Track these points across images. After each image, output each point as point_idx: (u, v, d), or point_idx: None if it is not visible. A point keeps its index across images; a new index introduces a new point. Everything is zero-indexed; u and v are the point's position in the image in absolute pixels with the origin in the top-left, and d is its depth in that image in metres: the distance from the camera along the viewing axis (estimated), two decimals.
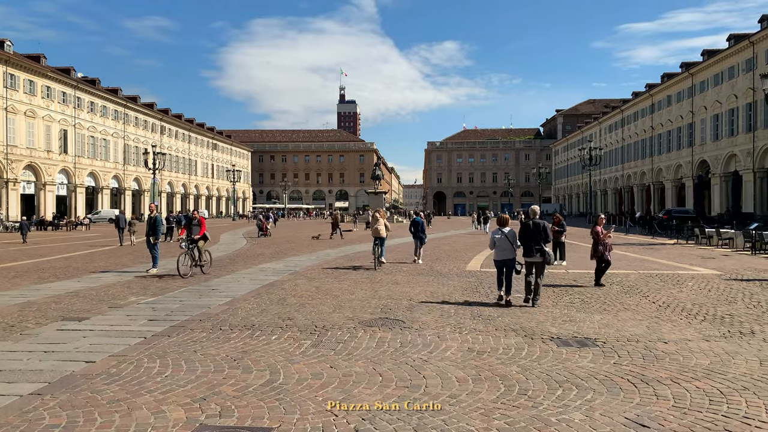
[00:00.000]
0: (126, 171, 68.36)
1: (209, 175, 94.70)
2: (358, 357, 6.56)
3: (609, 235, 12.73)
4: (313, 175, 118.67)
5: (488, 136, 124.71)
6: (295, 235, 36.27)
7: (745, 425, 4.50)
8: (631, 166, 70.47)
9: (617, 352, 6.79)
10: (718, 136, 49.79)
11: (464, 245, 25.83)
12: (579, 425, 4.52)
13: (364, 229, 42.78)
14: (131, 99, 71.07)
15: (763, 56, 43.04)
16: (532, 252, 10.05)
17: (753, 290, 11.80)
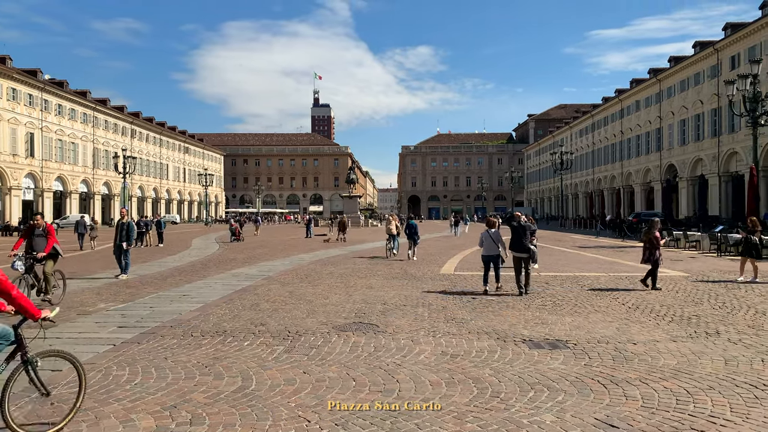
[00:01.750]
0: (95, 175, 67.09)
1: (181, 179, 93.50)
2: (331, 362, 6.54)
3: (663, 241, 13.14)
4: (287, 179, 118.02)
5: (462, 140, 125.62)
6: (268, 239, 36.03)
7: (711, 424, 4.60)
8: (601, 170, 71.67)
9: (588, 353, 6.89)
10: (685, 140, 50.98)
11: (438, 249, 25.95)
12: (550, 426, 4.57)
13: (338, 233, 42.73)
14: (101, 102, 69.83)
15: (727, 63, 44.23)
16: (519, 248, 11.69)
17: (719, 291, 12.08)
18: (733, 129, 42.84)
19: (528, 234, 12.02)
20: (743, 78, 23.02)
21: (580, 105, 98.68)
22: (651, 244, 12.76)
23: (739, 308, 10.00)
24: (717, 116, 45.42)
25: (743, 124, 34.48)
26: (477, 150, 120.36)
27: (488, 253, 12.05)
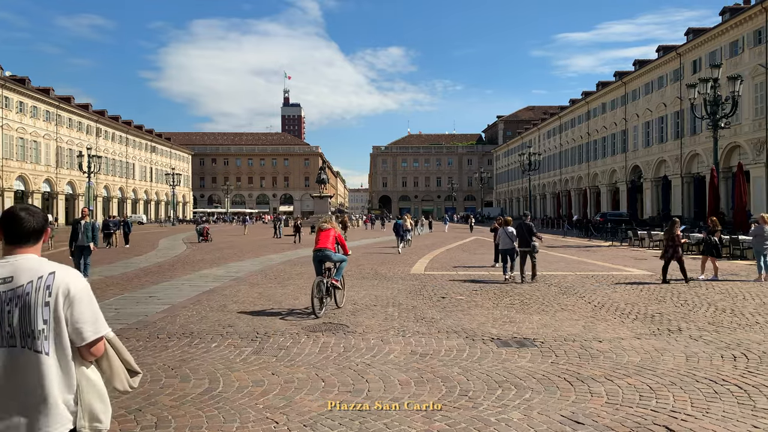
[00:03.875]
0: (59, 174, 65.43)
1: (148, 178, 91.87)
2: (300, 363, 6.50)
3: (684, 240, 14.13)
4: (257, 178, 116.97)
5: (432, 141, 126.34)
6: (237, 240, 35.65)
7: (672, 418, 4.71)
8: (568, 171, 72.84)
9: (554, 351, 6.98)
10: (649, 142, 52.16)
11: (408, 249, 26.02)
12: (517, 424, 4.62)
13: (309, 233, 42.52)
14: (64, 99, 68.12)
15: (689, 67, 45.41)
16: (524, 244, 13.79)
17: (681, 290, 12.39)
18: (694, 131, 44.00)
19: (532, 232, 13.85)
20: (704, 82, 23.64)
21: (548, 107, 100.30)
22: (673, 242, 13.51)
23: (700, 306, 10.27)
24: (679, 119, 46.59)
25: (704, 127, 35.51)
26: (447, 151, 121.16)
27: (505, 247, 14.11)
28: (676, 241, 13.59)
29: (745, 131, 38.59)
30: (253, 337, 7.83)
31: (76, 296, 2.22)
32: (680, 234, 13.87)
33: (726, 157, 40.05)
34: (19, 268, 2.22)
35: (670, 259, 13.58)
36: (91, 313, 2.26)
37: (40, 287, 2.19)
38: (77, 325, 2.22)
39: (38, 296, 2.18)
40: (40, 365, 2.16)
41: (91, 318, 2.25)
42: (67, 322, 2.21)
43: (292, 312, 9.77)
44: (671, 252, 13.57)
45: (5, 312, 2.17)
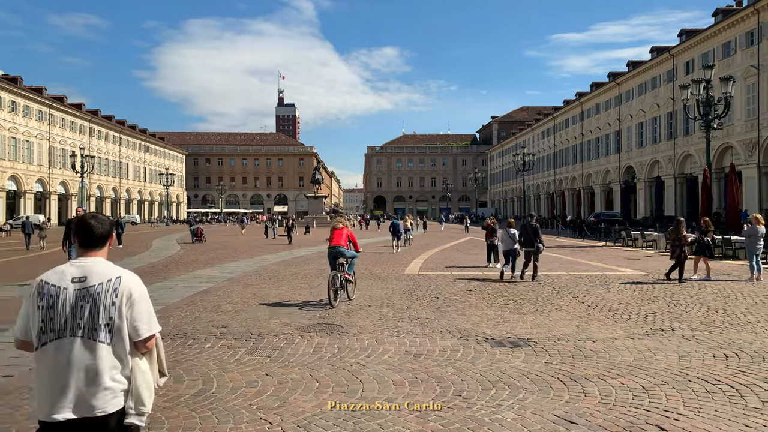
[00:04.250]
0: (51, 174, 65.10)
1: (141, 178, 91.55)
2: (294, 363, 6.49)
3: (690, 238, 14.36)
4: (251, 179, 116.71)
5: (427, 141, 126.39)
6: (231, 240, 35.57)
7: (665, 418, 4.73)
8: (562, 172, 73.04)
9: (548, 351, 7.00)
10: (643, 143, 52.38)
11: (404, 249, 26.03)
12: (511, 424, 4.63)
13: (304, 233, 42.50)
14: (57, 99, 67.76)
15: (682, 68, 45.63)
16: (530, 244, 14.13)
17: (673, 290, 12.45)
18: (687, 132, 44.20)
19: (537, 233, 14.22)
20: (697, 83, 23.77)
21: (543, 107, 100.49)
22: (679, 242, 13.69)
23: (692, 305, 10.32)
24: (673, 119, 46.81)
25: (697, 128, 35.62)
26: (441, 151, 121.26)
27: (507, 248, 14.67)
28: (682, 241, 13.76)
29: (738, 132, 38.81)
30: (247, 337, 7.82)
31: (137, 299, 2.62)
32: (687, 234, 14.06)
33: (718, 158, 40.27)
34: (91, 271, 2.61)
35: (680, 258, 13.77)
36: (147, 314, 2.65)
37: (109, 289, 2.58)
38: (135, 323, 2.61)
39: (107, 296, 2.57)
40: (100, 353, 2.54)
41: (147, 317, 2.65)
42: (127, 320, 2.59)
43: (286, 312, 9.76)
44: (678, 252, 13.75)
45: (78, 307, 2.55)
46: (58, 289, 2.56)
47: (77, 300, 2.55)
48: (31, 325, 2.58)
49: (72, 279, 2.59)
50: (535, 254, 14.15)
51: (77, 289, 2.57)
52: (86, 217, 2.71)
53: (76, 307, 2.55)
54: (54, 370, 2.53)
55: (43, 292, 2.57)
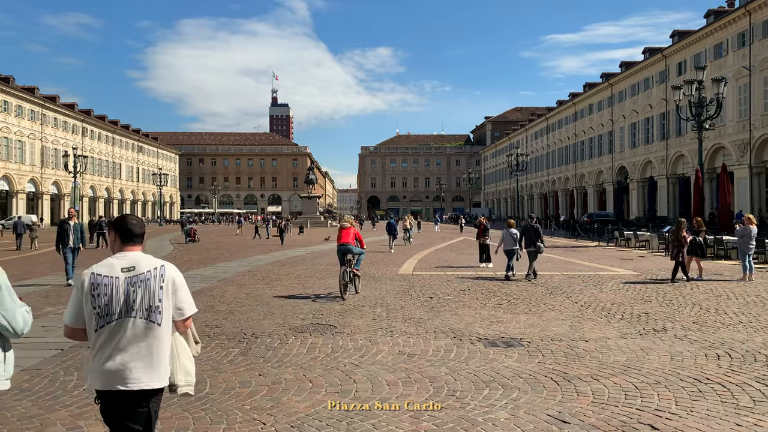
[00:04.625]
0: (44, 174, 64.72)
1: (134, 178, 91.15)
2: (288, 364, 6.48)
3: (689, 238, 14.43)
4: (245, 179, 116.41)
5: (421, 141, 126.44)
6: (225, 240, 35.47)
7: (657, 417, 4.76)
8: (555, 172, 73.25)
9: (541, 351, 7.03)
10: (635, 143, 52.60)
11: (397, 249, 26.04)
12: (504, 424, 4.64)
13: (297, 234, 42.45)
14: (49, 99, 67.34)
15: (674, 69, 45.85)
16: (530, 245, 14.51)
17: (666, 290, 12.51)
18: (680, 133, 44.42)
19: (539, 234, 14.60)
20: (689, 84, 23.88)
21: (536, 108, 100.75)
22: (678, 243, 13.82)
23: (684, 305, 10.38)
24: (665, 120, 47.02)
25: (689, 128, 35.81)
26: (435, 151, 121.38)
27: (508, 248, 14.83)
28: (682, 241, 13.89)
29: (729, 133, 39.04)
30: (241, 338, 7.80)
31: (179, 284, 3.05)
32: (686, 235, 14.18)
33: (711, 158, 40.49)
34: (138, 261, 2.98)
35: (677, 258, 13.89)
36: (188, 297, 3.10)
37: (157, 275, 2.97)
38: (179, 304, 3.04)
39: (156, 282, 2.95)
40: (154, 331, 2.92)
41: (188, 300, 3.09)
42: (171, 302, 3.00)
43: (279, 312, 9.75)
44: (675, 252, 13.89)
45: (130, 292, 2.90)
46: (110, 279, 2.91)
47: (128, 286, 2.91)
48: (85, 313, 2.89)
49: (122, 269, 2.95)
50: (534, 254, 14.46)
51: (128, 277, 2.92)
52: (128, 217, 3.13)
53: (128, 292, 2.90)
54: (112, 348, 2.87)
55: (96, 282, 2.90)
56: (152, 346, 2.92)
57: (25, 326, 2.98)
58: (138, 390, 2.88)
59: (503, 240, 15.09)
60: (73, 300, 2.93)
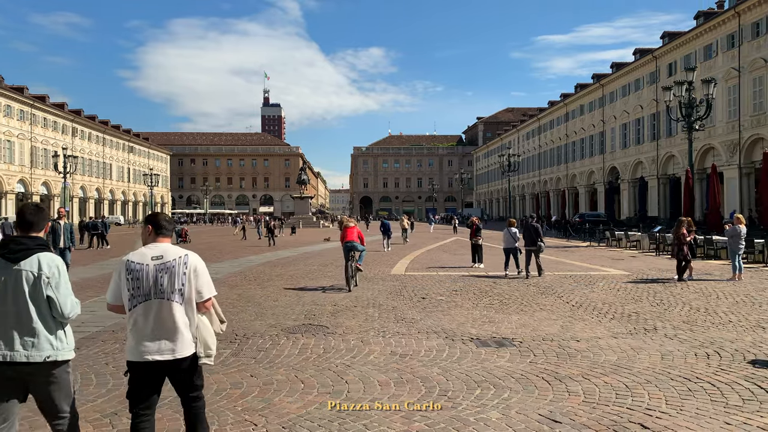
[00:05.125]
0: (33, 175, 64.24)
1: (125, 179, 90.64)
2: (279, 365, 6.47)
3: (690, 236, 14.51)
4: (236, 179, 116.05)
5: (413, 142, 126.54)
6: (216, 241, 35.34)
7: (647, 416, 4.78)
8: (547, 172, 73.51)
9: (533, 351, 7.05)
10: (626, 144, 52.87)
11: (393, 248, 26.04)
12: (496, 423, 4.65)
13: (289, 234, 42.37)
14: (39, 98, 66.81)
15: (665, 70, 46.13)
16: (530, 243, 14.99)
17: (657, 289, 12.58)
18: (670, 133, 44.69)
19: (539, 233, 15.09)
20: (679, 84, 24.03)
21: (528, 108, 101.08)
22: (679, 241, 13.96)
23: (675, 305, 10.44)
24: (656, 121, 47.29)
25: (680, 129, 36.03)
26: (428, 152, 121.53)
27: (508, 246, 15.31)
28: (681, 240, 14.02)
29: (719, 133, 39.33)
30: (232, 339, 7.77)
31: (200, 271, 3.57)
32: (686, 233, 14.30)
33: (701, 159, 40.76)
34: (166, 251, 3.54)
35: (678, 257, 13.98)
36: (207, 282, 3.62)
37: (181, 263, 3.51)
38: (199, 288, 3.56)
39: (180, 268, 3.49)
40: (176, 311, 3.47)
41: (207, 285, 3.61)
42: (193, 286, 3.52)
43: (271, 313, 9.72)
44: (676, 250, 14.00)
45: (159, 277, 3.44)
46: (142, 266, 3.46)
47: (157, 272, 3.45)
48: (121, 293, 3.49)
49: (151, 257, 3.49)
50: (537, 252, 14.98)
51: (156, 264, 3.47)
52: (161, 214, 3.75)
53: (156, 277, 3.44)
54: (143, 324, 3.43)
55: (130, 268, 3.46)
56: (176, 323, 3.46)
57: (72, 311, 3.45)
58: (164, 360, 3.42)
59: (503, 239, 15.57)
60: (113, 281, 3.54)
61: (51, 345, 3.33)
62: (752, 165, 36.67)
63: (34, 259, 3.34)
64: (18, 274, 3.29)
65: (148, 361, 3.40)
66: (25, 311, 3.29)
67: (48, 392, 3.34)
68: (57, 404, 3.38)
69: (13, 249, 3.34)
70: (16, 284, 3.29)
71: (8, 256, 3.32)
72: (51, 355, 3.31)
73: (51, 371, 3.32)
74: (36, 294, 3.31)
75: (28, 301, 3.30)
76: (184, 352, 3.46)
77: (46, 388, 3.34)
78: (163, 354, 3.41)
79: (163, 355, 3.40)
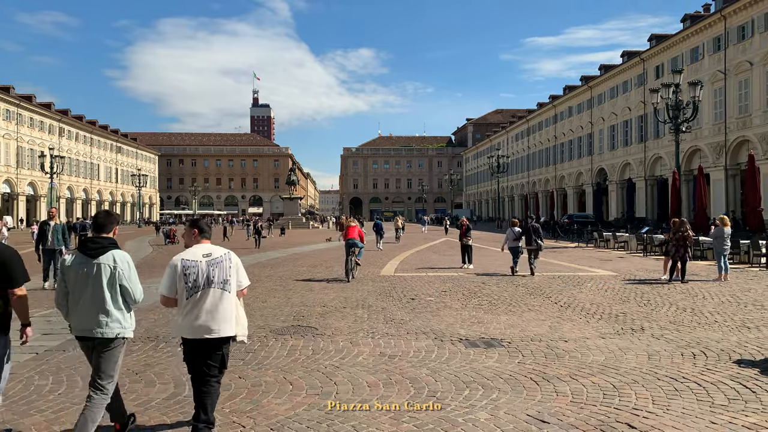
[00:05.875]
0: (19, 175, 63.57)
1: (113, 179, 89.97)
2: (268, 366, 6.44)
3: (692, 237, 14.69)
4: (225, 180, 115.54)
5: (403, 143, 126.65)
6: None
7: (634, 416, 4.81)
8: (536, 173, 73.86)
9: (521, 351, 7.07)
10: (614, 146, 53.24)
11: (385, 247, 26.03)
12: (484, 424, 4.66)
13: (279, 235, 42.23)
14: (25, 98, 66.13)
15: (652, 72, 46.51)
16: (531, 242, 15.87)
17: (644, 290, 12.67)
18: (658, 135, 45.07)
19: (539, 233, 16.03)
20: (666, 87, 24.24)
21: (517, 110, 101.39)
22: (676, 243, 14.05)
23: (662, 305, 10.52)
24: (643, 123, 47.68)
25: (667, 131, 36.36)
26: (417, 153, 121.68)
27: (512, 245, 16.03)
28: (688, 240, 14.19)
29: (705, 135, 39.71)
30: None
31: (240, 266, 4.53)
32: (692, 233, 14.55)
33: (687, 160, 41.14)
34: (213, 250, 4.42)
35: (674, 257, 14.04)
36: (245, 274, 4.59)
37: (227, 259, 4.41)
38: (240, 279, 4.51)
39: (226, 263, 4.39)
40: (228, 298, 4.34)
41: (245, 276, 4.58)
42: (235, 277, 4.43)
43: (260, 314, 9.68)
44: (674, 251, 14.04)
45: (210, 271, 4.29)
46: (195, 262, 4.29)
47: (208, 267, 4.29)
48: (176, 286, 4.26)
49: (202, 255, 4.34)
50: (536, 251, 15.86)
51: (207, 261, 4.31)
52: (201, 220, 4.67)
53: (209, 271, 4.27)
54: (198, 309, 4.23)
55: (185, 265, 4.26)
56: (225, 308, 4.28)
57: (140, 297, 4.37)
58: (216, 338, 4.23)
59: (507, 238, 16.34)
60: (169, 277, 4.27)
61: (120, 324, 4.18)
62: (738, 167, 37.06)
63: (110, 255, 4.18)
64: (97, 267, 4.12)
65: (201, 339, 4.20)
66: (102, 297, 4.11)
67: (107, 358, 4.11)
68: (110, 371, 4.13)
69: (91, 247, 4.18)
70: (96, 275, 4.12)
71: (88, 252, 4.16)
72: (120, 333, 4.15)
73: (114, 344, 4.14)
74: (111, 283, 4.15)
75: (104, 289, 4.12)
76: (228, 332, 4.29)
77: (107, 355, 4.12)
78: (212, 333, 4.20)
79: (212, 334, 4.20)
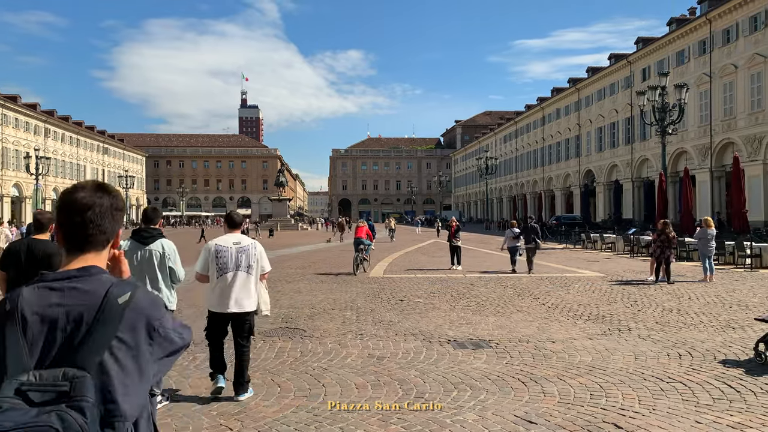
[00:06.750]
0: (4, 176, 62.83)
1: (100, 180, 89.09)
2: (256, 368, 6.41)
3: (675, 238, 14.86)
4: (213, 181, 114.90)
5: (392, 144, 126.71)
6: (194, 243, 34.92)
7: (621, 416, 4.85)
8: (524, 175, 74.18)
9: (509, 352, 7.10)
10: (602, 147, 53.61)
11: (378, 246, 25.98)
12: (472, 425, 4.67)
13: (267, 237, 42.09)
14: (10, 98, 65.34)
15: (639, 75, 46.91)
16: (530, 241, 16.51)
17: (631, 291, 12.77)
18: (644, 137, 45.43)
19: (537, 233, 16.85)
20: (653, 89, 24.43)
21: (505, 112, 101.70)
22: (669, 243, 14.19)
23: (648, 306, 10.61)
24: (630, 125, 48.04)
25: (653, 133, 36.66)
26: (406, 154, 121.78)
27: (511, 245, 16.80)
28: (672, 240, 14.35)
29: (691, 137, 40.09)
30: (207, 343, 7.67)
31: (263, 253, 5.48)
32: (674, 235, 14.62)
33: (673, 162, 41.49)
34: (241, 239, 5.44)
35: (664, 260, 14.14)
36: (267, 260, 5.57)
37: (253, 247, 5.40)
38: (263, 264, 5.48)
39: (252, 251, 5.38)
40: (251, 279, 5.35)
41: (267, 263, 5.55)
42: (259, 263, 5.42)
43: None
44: (658, 252, 14.15)
45: (238, 256, 5.28)
46: (226, 248, 5.29)
47: (237, 253, 5.28)
48: (209, 266, 5.28)
49: (233, 242, 5.33)
50: (533, 251, 16.61)
51: (237, 248, 5.31)
52: (233, 213, 5.69)
53: (238, 256, 5.27)
54: (227, 287, 5.23)
55: (218, 249, 5.29)
56: (249, 287, 5.31)
57: (183, 277, 5.32)
58: (243, 312, 5.28)
59: (506, 237, 17.19)
60: (203, 258, 5.36)
61: (168, 299, 5.08)
62: (723, 168, 37.44)
63: (159, 243, 5.16)
64: (150, 252, 5.11)
65: (227, 313, 5.22)
66: (154, 277, 5.09)
67: None
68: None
69: (144, 236, 5.18)
70: (149, 259, 5.10)
71: (141, 240, 5.14)
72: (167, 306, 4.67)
73: None
74: (162, 265, 5.13)
75: (156, 270, 5.10)
76: (250, 308, 5.31)
77: None
78: (237, 308, 5.21)
79: (237, 308, 5.21)
